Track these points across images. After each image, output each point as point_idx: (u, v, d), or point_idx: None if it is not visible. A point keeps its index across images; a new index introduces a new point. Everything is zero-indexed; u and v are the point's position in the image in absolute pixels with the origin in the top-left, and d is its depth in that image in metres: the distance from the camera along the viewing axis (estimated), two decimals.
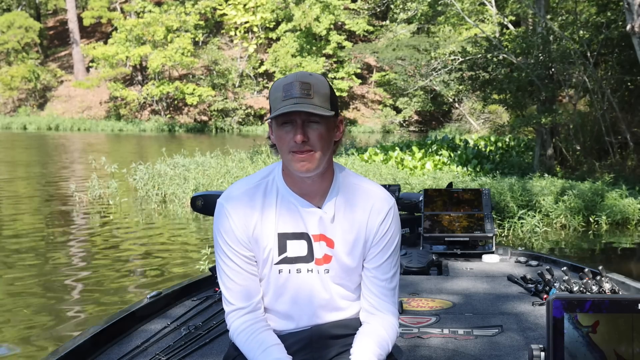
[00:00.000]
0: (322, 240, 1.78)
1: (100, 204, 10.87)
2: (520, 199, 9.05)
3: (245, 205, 1.77)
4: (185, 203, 10.39)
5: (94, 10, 41.82)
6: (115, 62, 38.35)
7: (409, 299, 3.33)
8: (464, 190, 4.62)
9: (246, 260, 1.78)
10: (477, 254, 4.33)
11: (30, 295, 5.81)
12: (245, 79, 39.21)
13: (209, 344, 2.66)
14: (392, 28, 34.94)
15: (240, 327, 1.77)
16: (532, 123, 13.34)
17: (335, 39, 36.69)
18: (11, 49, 40.42)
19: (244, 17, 38.94)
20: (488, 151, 14.85)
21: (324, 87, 1.69)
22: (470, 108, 27.27)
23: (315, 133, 1.67)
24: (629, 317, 1.20)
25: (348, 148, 16.40)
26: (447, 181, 9.41)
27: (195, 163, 13.27)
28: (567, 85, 13.52)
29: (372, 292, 1.82)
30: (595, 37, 12.67)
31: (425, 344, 2.69)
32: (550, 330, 1.21)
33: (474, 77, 14.73)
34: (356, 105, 39.68)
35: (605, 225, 8.83)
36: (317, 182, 1.76)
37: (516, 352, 2.60)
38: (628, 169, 12.24)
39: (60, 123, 37.06)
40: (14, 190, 13.22)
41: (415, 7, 29.48)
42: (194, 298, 3.25)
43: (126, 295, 5.83)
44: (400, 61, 27.30)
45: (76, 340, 2.49)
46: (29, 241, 8.12)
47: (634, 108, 13.41)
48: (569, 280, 3.22)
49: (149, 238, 8.55)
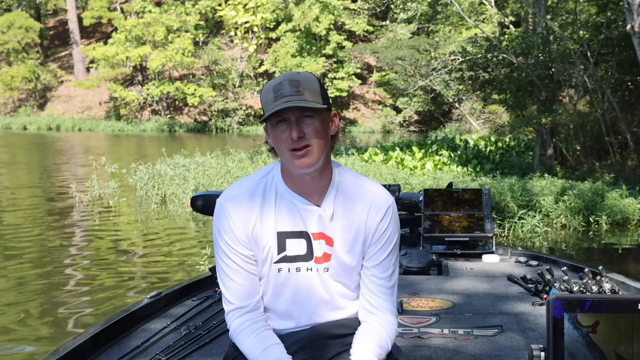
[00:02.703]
0: (322, 238, 1.78)
1: (100, 204, 10.87)
2: (521, 199, 9.05)
3: (244, 205, 1.77)
4: (185, 203, 10.39)
5: (94, 10, 41.76)
6: (115, 63, 38.33)
7: (409, 299, 3.33)
8: (464, 190, 4.62)
9: (246, 259, 1.78)
10: (477, 254, 4.33)
11: (30, 295, 5.81)
12: (245, 79, 39.18)
13: (209, 344, 2.66)
14: (392, 28, 34.90)
15: (240, 327, 1.77)
16: (532, 123, 13.34)
17: (335, 39, 36.63)
18: (11, 49, 40.38)
19: (244, 17, 38.92)
20: (488, 151, 14.85)
21: (313, 83, 1.70)
22: (471, 108, 27.25)
23: (311, 127, 1.68)
24: (629, 317, 1.20)
25: (348, 148, 16.40)
26: (447, 181, 9.40)
27: (196, 163, 13.27)
28: (567, 85, 13.52)
29: (371, 290, 1.82)
30: (595, 37, 12.67)
31: (425, 344, 2.69)
32: (550, 330, 1.21)
33: (474, 77, 14.73)
34: (356, 105, 39.62)
35: (606, 225, 8.82)
36: (315, 181, 1.76)
37: (516, 352, 2.60)
38: (628, 169, 12.24)
39: (60, 123, 37.03)
40: (14, 190, 13.22)
41: (415, 7, 29.45)
42: (194, 298, 3.25)
43: (126, 295, 5.83)
44: (400, 61, 27.28)
45: (76, 340, 2.49)
46: (29, 241, 8.12)
47: (634, 108, 13.42)
48: (569, 280, 3.22)
49: (149, 238, 8.56)
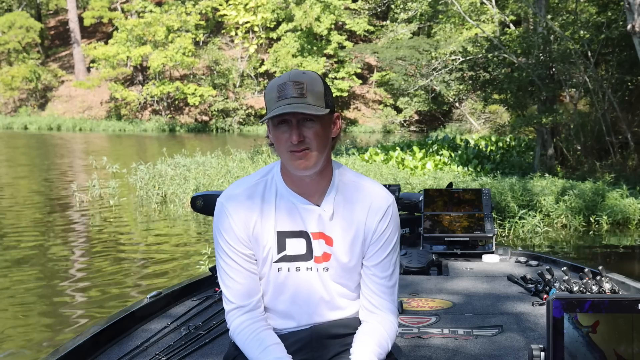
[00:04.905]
0: (321, 238, 1.78)
1: (100, 204, 10.88)
2: (521, 199, 9.05)
3: (244, 204, 1.77)
4: (186, 203, 10.39)
5: (95, 10, 41.79)
6: (116, 62, 38.34)
7: (409, 299, 3.32)
8: (464, 190, 4.62)
9: (246, 258, 1.78)
10: (477, 254, 4.33)
11: (30, 295, 5.82)
12: (245, 79, 39.18)
13: (209, 344, 2.66)
14: (392, 28, 34.90)
15: (240, 326, 1.77)
16: (532, 123, 13.34)
17: (335, 39, 36.64)
18: (12, 49, 40.40)
19: (244, 17, 38.92)
20: (489, 151, 14.85)
21: (317, 85, 1.68)
22: (471, 108, 27.27)
23: (311, 132, 1.67)
24: (629, 317, 1.20)
25: (349, 148, 16.40)
26: (447, 181, 9.40)
27: (196, 163, 13.27)
28: (567, 85, 13.51)
29: (371, 290, 1.82)
30: (596, 37, 12.66)
31: (425, 344, 2.69)
32: (550, 330, 1.21)
33: (475, 77, 14.73)
34: (357, 105, 39.61)
35: (606, 225, 8.82)
36: (315, 180, 1.76)
37: (516, 352, 2.60)
38: (629, 169, 12.24)
39: (61, 123, 37.05)
40: (14, 190, 13.23)
41: (415, 7, 29.44)
42: (194, 298, 3.25)
43: (126, 295, 5.83)
44: (401, 61, 27.29)
45: (76, 340, 2.49)
46: (29, 241, 8.12)
47: (634, 108, 13.41)
48: (569, 280, 3.21)
49: (149, 238, 8.56)
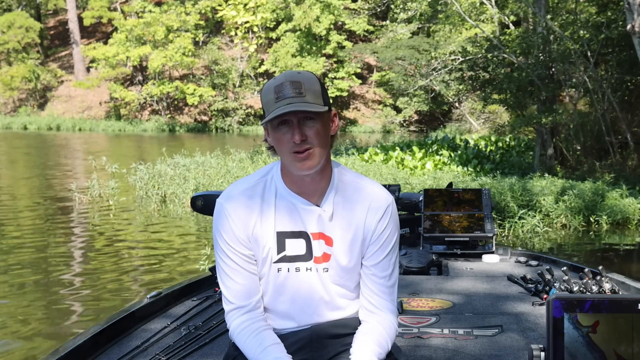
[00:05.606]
0: (321, 238, 1.78)
1: (100, 204, 10.87)
2: (521, 199, 9.05)
3: (244, 205, 1.77)
4: (185, 203, 10.39)
5: (94, 10, 41.75)
6: (115, 62, 38.33)
7: (409, 299, 3.32)
8: (464, 190, 4.62)
9: (246, 259, 1.78)
10: (477, 254, 4.33)
11: (30, 295, 5.82)
12: (245, 79, 39.17)
13: (209, 344, 2.66)
14: (392, 28, 34.90)
15: (240, 326, 1.77)
16: (532, 123, 13.33)
17: (335, 39, 36.62)
18: (11, 49, 40.37)
19: (244, 17, 38.91)
20: (488, 151, 14.85)
21: (314, 84, 1.69)
22: (471, 108, 27.26)
23: (312, 130, 1.67)
24: (629, 317, 1.20)
25: (348, 148, 16.39)
26: (447, 181, 9.40)
27: (196, 163, 13.27)
28: (567, 85, 13.51)
29: (371, 290, 1.82)
30: (596, 37, 12.66)
31: (425, 344, 2.69)
32: (550, 330, 1.21)
33: (474, 77, 14.73)
34: (356, 105, 39.60)
35: (606, 225, 8.82)
36: (315, 181, 1.76)
37: (516, 352, 2.60)
38: (628, 169, 12.24)
39: (60, 123, 37.04)
40: (14, 190, 13.22)
41: (415, 7, 29.45)
42: (194, 298, 3.25)
43: (126, 295, 5.83)
44: (400, 61, 27.28)
45: (76, 340, 2.49)
46: (28, 241, 8.12)
47: (634, 108, 13.41)
48: (569, 280, 3.21)
49: (149, 238, 8.55)
